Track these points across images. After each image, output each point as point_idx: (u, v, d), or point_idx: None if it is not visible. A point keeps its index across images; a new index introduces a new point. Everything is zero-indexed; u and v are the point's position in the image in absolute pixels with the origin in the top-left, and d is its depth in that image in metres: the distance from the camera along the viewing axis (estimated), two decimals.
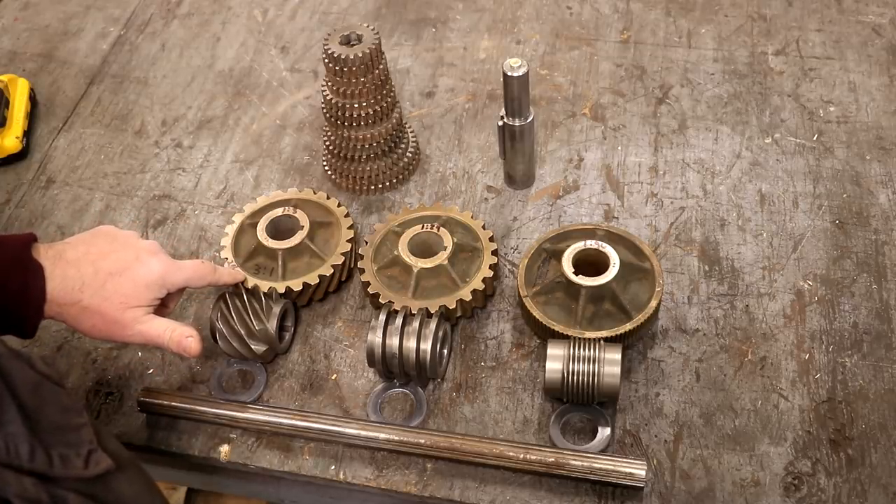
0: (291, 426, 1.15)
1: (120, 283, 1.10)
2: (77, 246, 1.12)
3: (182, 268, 1.18)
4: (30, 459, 0.79)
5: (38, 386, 0.84)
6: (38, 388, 0.84)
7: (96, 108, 1.67)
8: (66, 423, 0.85)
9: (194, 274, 1.19)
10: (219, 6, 1.87)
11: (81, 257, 1.10)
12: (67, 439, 0.84)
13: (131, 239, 1.17)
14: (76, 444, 0.84)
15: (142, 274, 1.12)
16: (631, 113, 1.56)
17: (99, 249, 1.12)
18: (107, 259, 1.11)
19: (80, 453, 0.84)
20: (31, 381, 0.83)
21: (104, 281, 1.09)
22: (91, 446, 0.85)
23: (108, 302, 1.09)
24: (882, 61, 1.60)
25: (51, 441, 0.82)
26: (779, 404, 1.17)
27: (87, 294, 1.08)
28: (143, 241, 1.18)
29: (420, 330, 1.17)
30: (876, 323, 1.24)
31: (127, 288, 1.11)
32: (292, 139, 1.58)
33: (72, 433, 0.85)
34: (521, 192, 1.45)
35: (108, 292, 1.09)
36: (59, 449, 0.82)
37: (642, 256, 1.26)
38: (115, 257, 1.12)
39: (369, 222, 1.43)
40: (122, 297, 1.10)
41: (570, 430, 1.17)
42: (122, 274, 1.11)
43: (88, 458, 0.84)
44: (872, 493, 1.08)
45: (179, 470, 1.30)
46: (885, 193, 1.40)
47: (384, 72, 1.35)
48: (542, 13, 1.77)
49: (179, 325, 1.15)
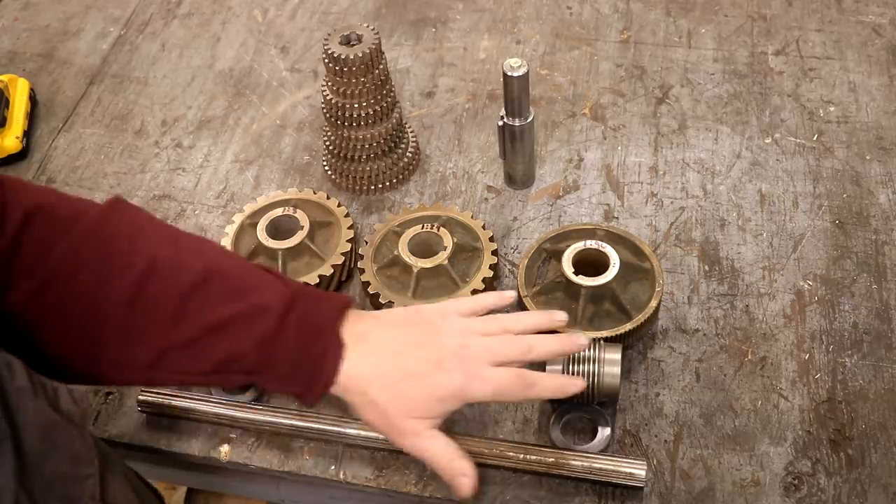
0: (291, 426, 1.15)
1: (412, 388, 0.96)
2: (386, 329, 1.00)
3: (488, 381, 0.97)
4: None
5: (52, 429, 0.77)
6: (49, 432, 0.77)
7: (96, 108, 1.67)
8: (71, 473, 0.79)
9: (501, 390, 0.98)
10: (219, 6, 1.87)
11: (383, 345, 0.98)
12: (67, 492, 0.77)
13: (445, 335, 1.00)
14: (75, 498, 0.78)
15: (438, 384, 0.96)
16: (631, 113, 1.56)
17: (403, 341, 0.99)
18: (407, 357, 0.97)
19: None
20: (43, 424, 0.76)
21: (396, 381, 0.96)
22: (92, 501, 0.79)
23: (393, 405, 0.96)
24: (882, 61, 1.60)
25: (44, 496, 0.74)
26: (779, 404, 1.17)
27: (374, 389, 0.96)
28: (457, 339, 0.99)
29: None
30: (876, 323, 1.24)
31: (418, 396, 0.96)
32: (292, 139, 1.58)
33: (74, 485, 0.79)
34: (521, 192, 1.45)
35: (396, 394, 0.96)
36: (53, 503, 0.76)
37: (642, 256, 1.26)
38: (415, 356, 0.98)
39: (369, 222, 1.43)
40: (408, 403, 0.96)
41: (570, 430, 1.17)
42: (417, 379, 0.96)
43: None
44: (872, 493, 1.08)
45: (179, 470, 1.30)
46: (885, 193, 1.40)
47: (384, 72, 1.35)
48: (542, 13, 1.77)
49: (459, 457, 0.98)
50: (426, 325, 1.02)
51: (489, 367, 0.98)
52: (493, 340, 1.01)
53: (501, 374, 0.98)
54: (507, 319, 1.05)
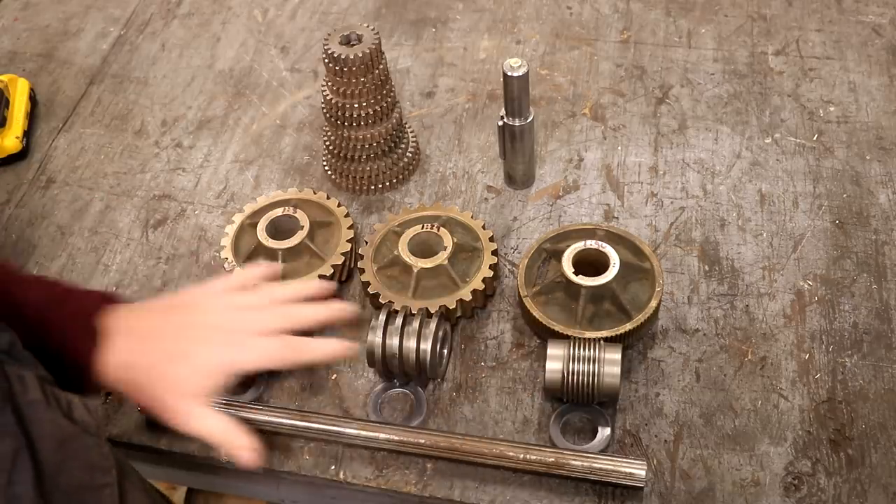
0: (291, 426, 1.15)
1: (177, 368, 0.99)
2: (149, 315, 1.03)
3: (253, 350, 1.03)
4: None
5: (68, 440, 0.78)
6: (65, 443, 0.78)
7: (96, 108, 1.67)
8: (89, 482, 0.79)
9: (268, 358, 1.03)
10: (219, 6, 1.87)
11: (147, 330, 1.01)
12: (85, 502, 0.78)
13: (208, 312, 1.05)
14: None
15: (202, 361, 1.00)
16: (631, 113, 1.56)
17: (168, 324, 1.02)
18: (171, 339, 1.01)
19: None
20: (59, 434, 0.77)
21: (161, 362, 0.99)
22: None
23: (162, 386, 0.99)
24: (882, 61, 1.60)
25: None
26: (779, 404, 1.17)
27: (142, 375, 0.98)
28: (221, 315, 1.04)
29: (420, 330, 1.17)
30: (876, 323, 1.24)
31: (183, 375, 0.99)
32: (292, 139, 1.58)
33: (92, 495, 0.79)
34: (521, 192, 1.45)
35: (162, 375, 0.99)
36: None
37: (642, 256, 1.26)
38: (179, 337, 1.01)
39: (369, 222, 1.43)
40: (176, 383, 0.99)
41: (570, 430, 1.17)
42: (181, 358, 1.00)
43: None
44: (872, 493, 1.08)
45: (179, 470, 1.30)
46: (885, 193, 1.40)
47: (384, 72, 1.35)
48: (542, 13, 1.77)
49: (237, 433, 1.01)
50: (190, 306, 1.05)
51: (256, 337, 1.03)
52: (259, 313, 1.06)
53: (268, 342, 1.03)
54: (273, 291, 1.10)
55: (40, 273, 1.40)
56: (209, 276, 1.36)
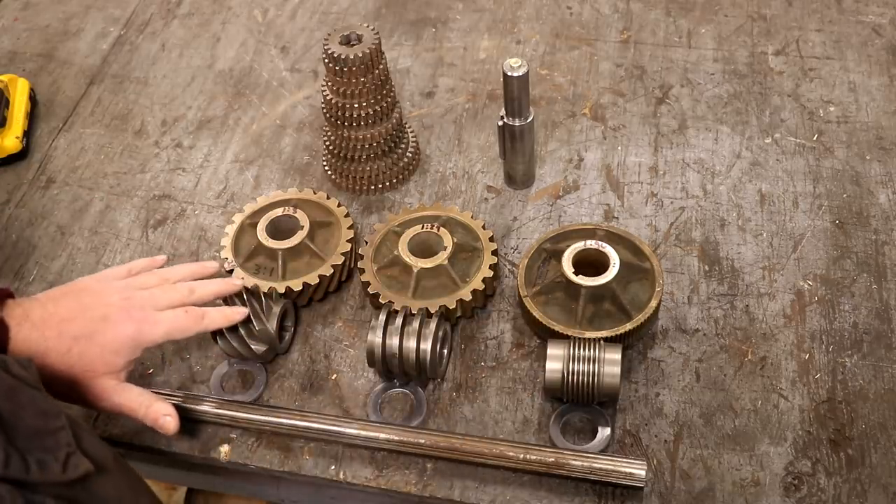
0: (291, 426, 1.15)
1: (85, 349, 1.02)
2: (46, 304, 1.04)
3: (159, 322, 1.08)
4: (4, 466, 0.77)
5: (14, 390, 0.82)
6: (13, 393, 0.82)
7: (96, 108, 1.67)
8: (43, 427, 0.83)
9: (174, 327, 1.09)
10: (219, 6, 1.87)
11: (48, 318, 1.02)
12: (45, 444, 0.82)
13: (106, 294, 1.08)
14: (54, 448, 0.82)
15: (109, 338, 1.03)
16: (631, 113, 1.56)
17: (67, 309, 1.04)
18: (73, 322, 1.02)
19: (58, 457, 0.81)
20: (6, 386, 0.81)
21: (69, 346, 1.01)
22: (69, 449, 0.83)
23: (74, 370, 1.02)
24: (882, 61, 1.60)
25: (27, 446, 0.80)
26: (779, 404, 1.17)
27: (50, 359, 1.00)
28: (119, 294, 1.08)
29: (420, 330, 1.17)
30: (876, 323, 1.24)
31: (93, 354, 1.02)
32: (292, 139, 1.58)
33: (49, 437, 0.82)
34: (521, 192, 1.45)
35: (72, 359, 1.01)
36: (36, 454, 0.80)
37: (642, 256, 1.26)
38: (81, 319, 1.03)
39: (369, 222, 1.43)
40: (87, 364, 1.02)
41: (570, 430, 1.17)
42: (87, 339, 1.02)
43: (67, 461, 0.82)
44: (872, 493, 1.08)
45: (179, 470, 1.30)
46: (885, 193, 1.40)
47: (384, 72, 1.35)
48: (542, 13, 1.77)
49: (156, 401, 1.07)
50: (87, 291, 1.08)
51: (157, 311, 1.09)
52: (156, 290, 1.12)
53: (170, 314, 1.09)
54: (164, 272, 1.17)
55: (41, 273, 1.40)
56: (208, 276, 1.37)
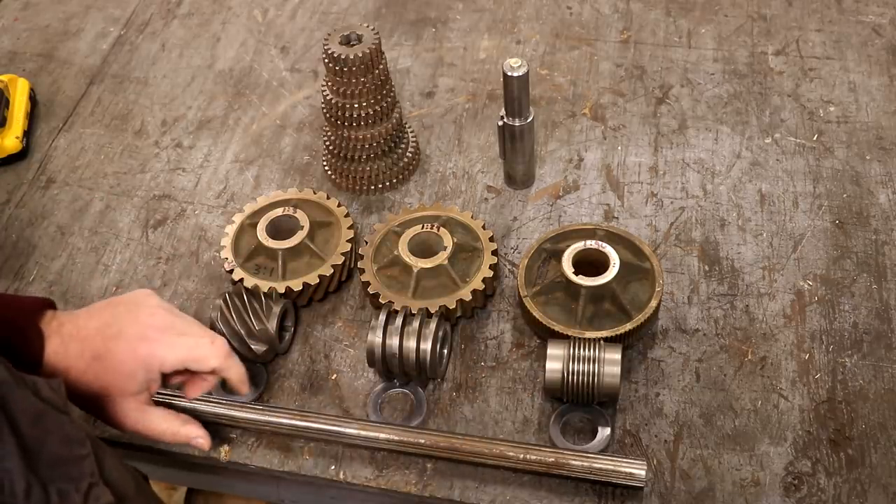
0: (291, 426, 1.15)
1: (101, 370, 0.99)
2: (79, 318, 1.02)
3: (175, 346, 1.03)
4: (25, 497, 0.75)
5: (41, 416, 0.80)
6: (40, 419, 0.80)
7: (96, 108, 1.67)
8: (68, 455, 0.81)
9: (192, 356, 1.04)
10: (219, 6, 1.87)
11: (75, 334, 1.00)
12: (68, 473, 0.80)
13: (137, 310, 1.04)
14: (76, 477, 0.81)
15: (120, 359, 0.99)
16: (631, 113, 1.56)
17: (94, 326, 1.01)
18: (92, 340, 1.00)
19: (80, 488, 0.80)
20: (33, 411, 0.80)
21: (87, 365, 0.99)
22: (92, 479, 0.82)
23: (92, 389, 1.00)
24: (882, 61, 1.60)
25: (49, 475, 0.78)
26: (779, 404, 1.17)
27: (72, 377, 0.98)
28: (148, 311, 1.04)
29: (420, 330, 1.17)
30: (876, 323, 1.24)
31: (108, 377, 1.00)
32: (292, 139, 1.58)
33: (73, 466, 0.81)
34: (521, 192, 1.45)
35: (90, 378, 0.99)
36: (58, 484, 0.79)
37: (642, 256, 1.26)
38: (100, 337, 1.00)
39: (369, 222, 1.43)
40: (103, 386, 1.00)
41: (570, 430, 1.17)
42: (102, 359, 0.99)
43: (88, 493, 0.81)
44: (872, 493, 1.08)
45: (179, 470, 1.30)
46: (885, 193, 1.40)
47: (384, 72, 1.35)
48: (542, 13, 1.77)
49: (183, 426, 1.04)
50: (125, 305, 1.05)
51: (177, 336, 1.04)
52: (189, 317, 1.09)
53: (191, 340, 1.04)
54: None
55: (41, 273, 1.40)
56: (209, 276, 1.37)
